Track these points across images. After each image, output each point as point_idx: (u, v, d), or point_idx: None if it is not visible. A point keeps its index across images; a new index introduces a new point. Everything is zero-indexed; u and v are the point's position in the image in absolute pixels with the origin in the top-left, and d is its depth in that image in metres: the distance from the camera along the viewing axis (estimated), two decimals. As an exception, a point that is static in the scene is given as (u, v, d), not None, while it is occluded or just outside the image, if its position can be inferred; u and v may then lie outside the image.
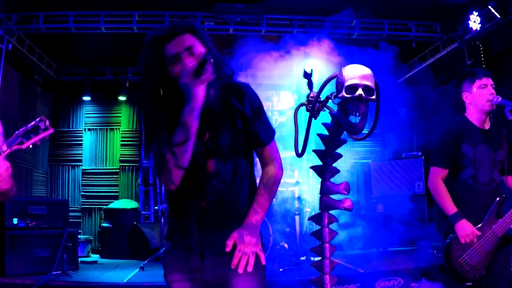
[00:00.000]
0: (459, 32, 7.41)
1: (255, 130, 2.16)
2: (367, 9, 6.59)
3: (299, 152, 2.20)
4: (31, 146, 2.40)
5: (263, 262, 2.03)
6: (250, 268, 1.93)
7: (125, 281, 5.54)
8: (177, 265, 2.13)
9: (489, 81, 3.46)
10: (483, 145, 3.44)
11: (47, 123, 2.44)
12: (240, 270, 1.92)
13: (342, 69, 1.88)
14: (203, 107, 1.99)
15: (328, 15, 7.09)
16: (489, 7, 6.49)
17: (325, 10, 6.92)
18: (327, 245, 2.21)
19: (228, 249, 1.95)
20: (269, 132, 2.22)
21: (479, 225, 3.31)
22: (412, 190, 7.78)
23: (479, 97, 3.44)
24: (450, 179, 3.50)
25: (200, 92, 1.91)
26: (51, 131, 2.44)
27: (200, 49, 2.04)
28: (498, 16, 6.47)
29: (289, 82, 8.24)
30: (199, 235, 2.07)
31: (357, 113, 1.84)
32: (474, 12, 6.82)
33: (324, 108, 2.14)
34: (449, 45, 7.80)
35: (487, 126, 3.53)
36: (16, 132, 2.39)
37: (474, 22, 6.86)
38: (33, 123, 2.40)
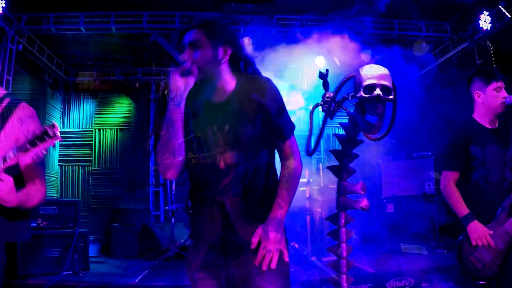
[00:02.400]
0: (469, 31, 7.39)
1: (277, 125, 2.17)
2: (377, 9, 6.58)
3: (311, 150, 2.20)
4: (35, 156, 2.06)
5: (287, 259, 2.04)
6: (273, 265, 1.95)
7: (136, 282, 5.54)
8: (201, 263, 2.13)
9: (503, 84, 3.45)
10: (492, 145, 3.42)
11: (56, 130, 2.08)
12: (264, 268, 1.94)
13: (360, 69, 1.88)
14: (224, 100, 2.07)
15: (339, 15, 7.08)
16: (500, 6, 6.48)
17: (335, 10, 6.90)
18: (344, 245, 2.21)
19: (253, 246, 1.98)
20: (290, 126, 2.23)
21: (491, 223, 3.29)
22: (423, 190, 7.75)
23: (493, 99, 3.42)
24: (462, 181, 3.49)
25: (177, 80, 1.95)
26: (58, 139, 2.09)
27: (204, 44, 2.09)
28: (509, 15, 6.46)
29: (299, 82, 8.24)
30: (222, 231, 2.08)
31: (375, 113, 1.85)
32: (484, 12, 6.81)
33: (341, 108, 2.14)
34: (459, 45, 7.78)
35: (496, 125, 3.52)
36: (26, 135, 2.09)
37: (485, 21, 6.84)
38: (43, 128, 2.07)
